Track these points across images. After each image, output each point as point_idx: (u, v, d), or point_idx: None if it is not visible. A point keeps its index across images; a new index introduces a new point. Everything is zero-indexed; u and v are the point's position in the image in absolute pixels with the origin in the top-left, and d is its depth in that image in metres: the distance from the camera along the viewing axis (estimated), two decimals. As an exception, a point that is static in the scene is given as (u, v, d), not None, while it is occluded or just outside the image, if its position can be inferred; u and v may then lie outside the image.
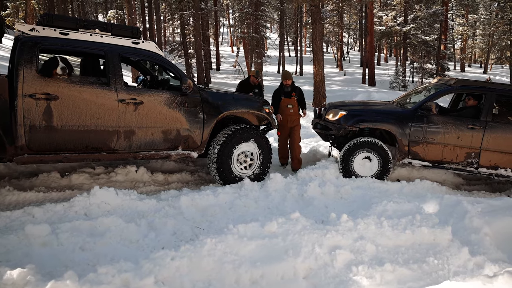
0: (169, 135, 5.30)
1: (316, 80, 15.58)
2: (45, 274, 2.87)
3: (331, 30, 36.68)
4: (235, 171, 5.74)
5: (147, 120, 5.10)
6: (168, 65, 5.45)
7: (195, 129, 5.45)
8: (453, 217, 4.52)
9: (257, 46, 21.95)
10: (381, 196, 5.35)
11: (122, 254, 3.51)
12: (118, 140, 4.96)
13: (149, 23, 28.21)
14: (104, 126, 4.82)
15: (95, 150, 4.87)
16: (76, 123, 4.64)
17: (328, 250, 3.66)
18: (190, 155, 5.53)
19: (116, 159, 5.20)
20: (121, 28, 5.26)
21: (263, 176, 6.01)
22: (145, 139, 5.14)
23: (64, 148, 4.66)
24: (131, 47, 5.10)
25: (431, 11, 24.57)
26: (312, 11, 15.28)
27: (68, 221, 3.93)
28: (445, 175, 7.14)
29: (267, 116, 6.18)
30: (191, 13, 20.80)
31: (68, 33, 4.68)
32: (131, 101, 4.95)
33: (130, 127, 5.00)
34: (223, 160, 5.61)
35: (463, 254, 3.72)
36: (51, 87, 4.47)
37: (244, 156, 5.83)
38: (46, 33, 4.56)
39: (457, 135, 6.29)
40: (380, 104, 7.65)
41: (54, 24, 4.65)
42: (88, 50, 4.92)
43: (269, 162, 6.05)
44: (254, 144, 5.84)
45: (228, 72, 30.52)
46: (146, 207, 4.54)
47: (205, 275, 3.18)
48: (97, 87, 4.76)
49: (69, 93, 4.57)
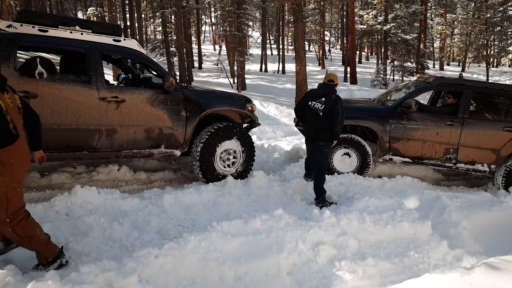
0: (152, 134, 5.25)
1: (299, 79, 15.66)
2: (25, 275, 2.82)
3: (313, 28, 36.92)
4: (218, 169, 5.70)
5: (129, 119, 5.02)
6: (150, 63, 5.40)
7: (178, 127, 5.40)
8: (433, 211, 4.64)
9: (239, 45, 21.91)
10: (363, 192, 5.43)
11: (105, 253, 3.48)
12: (100, 138, 4.88)
13: (130, 21, 27.81)
14: (85, 124, 4.73)
15: (76, 149, 4.78)
16: (56, 121, 4.54)
17: (311, 246, 3.72)
18: (173, 153, 5.48)
19: (98, 158, 5.12)
20: (102, 26, 5.17)
21: (246, 173, 5.99)
22: (127, 137, 5.07)
23: (44, 147, 4.51)
24: (113, 44, 5.03)
25: (410, 10, 24.92)
26: (294, 10, 15.33)
27: (49, 221, 3.87)
28: (425, 171, 7.29)
29: (249, 114, 6.17)
30: (173, 11, 20.64)
31: (47, 30, 4.58)
32: (112, 99, 4.87)
33: (112, 126, 4.92)
34: (206, 158, 5.57)
35: (442, 247, 3.83)
36: (30, 85, 4.37)
37: (227, 154, 5.80)
38: (24, 29, 4.45)
39: (436, 131, 6.43)
40: (361, 102, 7.75)
41: (32, 20, 4.55)
42: (67, 47, 4.82)
43: (252, 160, 6.06)
44: (237, 142, 5.80)
45: (210, 70, 30.35)
46: (129, 206, 4.49)
47: (189, 273, 3.18)
48: (77, 85, 4.67)
49: (49, 91, 4.47)
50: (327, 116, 5.03)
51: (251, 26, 34.35)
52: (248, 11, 25.92)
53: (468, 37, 38.48)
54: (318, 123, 5.12)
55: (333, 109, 4.99)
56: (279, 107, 14.53)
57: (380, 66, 26.57)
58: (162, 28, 24.87)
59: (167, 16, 23.75)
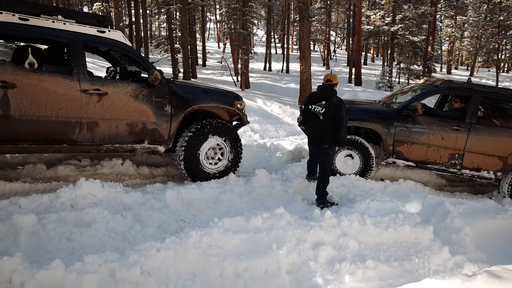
0: (135, 128, 5.12)
1: (303, 78, 15.65)
2: (32, 263, 2.88)
3: (318, 28, 36.82)
4: (204, 166, 5.59)
5: (112, 112, 4.89)
6: (134, 56, 5.28)
7: (162, 122, 5.27)
8: (435, 217, 4.63)
9: (244, 43, 21.89)
10: (365, 195, 5.44)
11: (108, 245, 3.54)
12: (81, 132, 4.76)
13: (135, 16, 27.84)
14: (65, 117, 4.60)
15: (56, 141, 4.67)
16: (35, 113, 4.41)
17: (311, 246, 3.74)
18: (157, 149, 5.36)
19: (78, 152, 4.98)
20: (86, 16, 5.04)
21: (233, 171, 5.90)
22: (109, 131, 4.95)
23: (22, 139, 4.46)
24: (96, 35, 4.88)
25: (419, 11, 24.70)
26: (300, 8, 15.30)
27: (55, 211, 3.92)
28: (429, 176, 7.27)
29: (238, 111, 6.02)
30: (178, 8, 20.61)
31: (28, 18, 4.43)
32: (94, 92, 4.73)
33: (93, 119, 4.79)
34: (191, 155, 5.45)
35: (443, 253, 3.83)
36: (9, 74, 4.24)
37: (213, 151, 5.69)
38: (4, 18, 4.31)
39: (441, 136, 6.39)
40: (366, 103, 7.74)
41: (13, 8, 4.39)
42: (49, 37, 4.66)
43: (239, 158, 5.94)
44: (224, 139, 5.69)
45: (214, 68, 30.38)
46: (131, 199, 4.54)
47: (190, 267, 3.22)
48: (58, 76, 4.54)
49: (28, 82, 4.34)
50: (328, 120, 5.02)
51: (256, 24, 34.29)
52: (254, 9, 25.90)
53: (478, 40, 37.84)
54: (320, 127, 5.12)
55: (336, 114, 4.97)
56: (282, 107, 14.54)
57: (386, 68, 26.43)
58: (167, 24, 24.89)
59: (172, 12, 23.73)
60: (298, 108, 8.93)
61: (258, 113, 12.72)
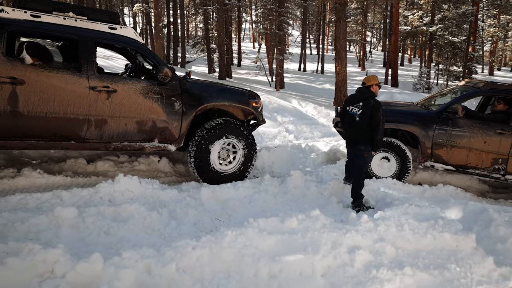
0: (144, 126, 5.02)
1: (338, 79, 15.46)
2: (73, 255, 2.96)
3: (354, 29, 36.29)
4: (215, 167, 5.45)
5: (121, 110, 4.82)
6: (146, 52, 5.24)
7: (173, 121, 5.14)
8: (478, 224, 4.44)
9: (279, 43, 21.87)
10: (402, 199, 5.28)
11: (145, 240, 3.59)
12: (89, 129, 4.71)
13: (173, 17, 28.38)
14: (73, 114, 4.58)
15: (63, 138, 4.64)
16: (43, 109, 4.41)
17: (347, 250, 3.64)
18: (167, 148, 5.24)
19: (86, 149, 4.99)
20: (98, 13, 5.03)
21: (246, 173, 5.75)
22: (117, 129, 4.87)
23: (30, 135, 4.47)
24: (108, 32, 4.85)
25: (460, 11, 23.90)
26: (337, 9, 15.13)
27: (94, 205, 4.04)
28: (469, 181, 6.99)
29: (252, 110, 5.83)
30: (215, 8, 20.87)
31: (39, 15, 4.45)
32: (103, 89, 4.69)
33: (101, 116, 4.74)
34: (202, 155, 5.31)
35: (487, 263, 3.64)
36: (18, 71, 4.27)
37: (225, 151, 5.56)
38: (16, 15, 4.34)
39: (484, 139, 6.14)
40: (403, 105, 7.55)
41: (26, 6, 4.43)
42: (59, 34, 4.70)
43: (253, 160, 5.76)
44: (237, 139, 5.53)
45: (249, 68, 30.53)
46: (167, 196, 4.61)
47: (225, 266, 3.21)
48: (67, 73, 4.52)
49: (37, 78, 4.35)
50: (364, 121, 4.95)
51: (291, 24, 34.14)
52: (289, 10, 25.83)
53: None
54: (356, 128, 5.05)
55: (373, 116, 4.89)
56: (317, 107, 14.39)
57: (424, 69, 25.69)
58: (203, 25, 25.29)
59: (209, 13, 24.04)
60: (333, 109, 8.81)
61: (293, 114, 12.65)
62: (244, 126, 5.67)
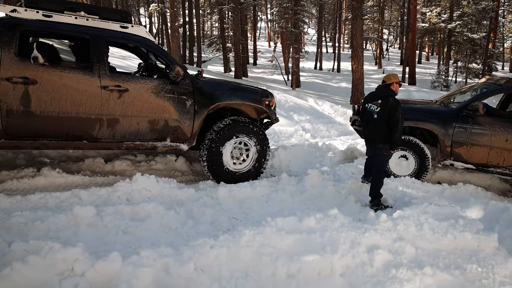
0: (156, 125, 5.00)
1: (355, 77, 15.31)
2: (92, 253, 3.00)
3: (370, 26, 35.93)
4: (229, 167, 5.42)
5: (132, 109, 4.82)
6: (157, 51, 5.21)
7: (185, 120, 5.11)
8: (499, 224, 4.35)
9: (295, 41, 21.77)
10: (421, 198, 5.21)
11: (162, 239, 3.61)
12: (101, 128, 4.71)
13: (188, 17, 28.56)
14: (85, 113, 4.58)
15: (76, 138, 4.66)
16: (55, 109, 4.43)
17: (366, 249, 3.60)
18: (179, 147, 5.21)
19: (98, 149, 4.99)
20: (109, 12, 5.02)
21: (260, 172, 5.70)
22: (129, 128, 4.87)
23: (43, 135, 4.49)
24: (119, 31, 4.84)
25: (480, 7, 23.40)
26: (353, 7, 15.00)
27: (112, 205, 4.09)
28: (490, 180, 6.85)
29: (265, 109, 5.78)
30: (230, 7, 20.91)
31: (51, 15, 4.47)
32: (115, 88, 4.68)
33: (113, 115, 4.74)
34: (215, 158, 5.28)
35: (510, 264, 3.56)
36: (30, 71, 4.27)
37: (238, 150, 5.52)
38: (28, 15, 4.37)
39: (505, 137, 6.02)
40: (421, 103, 7.44)
41: (38, 5, 4.45)
42: (71, 33, 4.71)
43: (266, 154, 5.70)
44: (248, 136, 5.47)
45: (265, 66, 30.51)
46: (185, 196, 4.63)
47: (242, 266, 3.20)
48: (79, 73, 4.52)
49: (49, 78, 4.36)
50: (383, 119, 4.89)
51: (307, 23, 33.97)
52: (305, 8, 25.69)
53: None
54: (374, 125, 5.00)
55: (391, 114, 4.82)
56: (333, 106, 14.28)
57: (442, 67, 25.25)
58: (219, 24, 25.36)
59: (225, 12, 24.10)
60: (350, 108, 8.73)
61: (309, 112, 12.58)
62: (253, 123, 5.61)
